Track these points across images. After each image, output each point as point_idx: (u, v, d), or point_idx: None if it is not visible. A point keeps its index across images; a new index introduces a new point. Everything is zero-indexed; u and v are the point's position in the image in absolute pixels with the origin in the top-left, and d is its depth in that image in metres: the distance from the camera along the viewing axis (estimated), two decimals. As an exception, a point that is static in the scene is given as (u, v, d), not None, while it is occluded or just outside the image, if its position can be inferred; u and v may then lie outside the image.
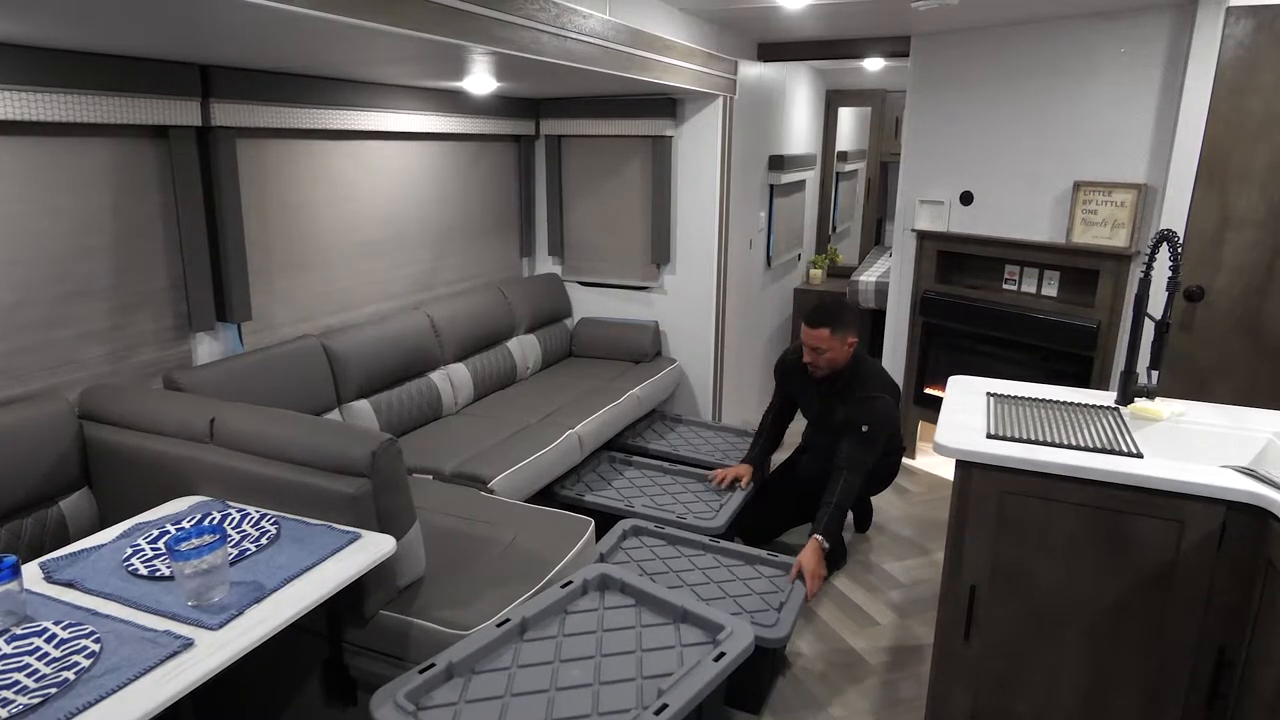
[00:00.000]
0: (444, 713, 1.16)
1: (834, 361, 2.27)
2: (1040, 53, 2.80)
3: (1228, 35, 2.40)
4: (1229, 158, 2.47)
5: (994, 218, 3.01)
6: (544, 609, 1.42)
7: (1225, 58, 2.42)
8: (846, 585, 2.43)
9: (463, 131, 3.01)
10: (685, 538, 2.14)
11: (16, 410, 1.70)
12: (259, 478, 1.61)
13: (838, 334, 2.23)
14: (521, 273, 3.62)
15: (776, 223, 4.47)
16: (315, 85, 2.36)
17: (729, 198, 3.37)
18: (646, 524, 2.20)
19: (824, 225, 5.65)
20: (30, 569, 1.32)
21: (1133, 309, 1.75)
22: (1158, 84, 2.58)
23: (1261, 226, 2.46)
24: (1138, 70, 2.60)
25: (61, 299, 1.87)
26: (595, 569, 1.55)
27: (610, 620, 1.40)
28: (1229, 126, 2.45)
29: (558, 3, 1.93)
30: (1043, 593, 1.53)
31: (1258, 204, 2.45)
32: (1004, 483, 1.50)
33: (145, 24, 1.45)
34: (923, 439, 3.42)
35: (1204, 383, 2.57)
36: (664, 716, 1.11)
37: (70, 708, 0.99)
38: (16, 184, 1.76)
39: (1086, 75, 2.71)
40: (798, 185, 4.82)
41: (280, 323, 2.44)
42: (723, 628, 1.33)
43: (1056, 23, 2.74)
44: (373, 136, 2.69)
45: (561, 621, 1.40)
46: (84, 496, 1.80)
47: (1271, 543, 1.31)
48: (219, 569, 1.22)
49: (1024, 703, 1.59)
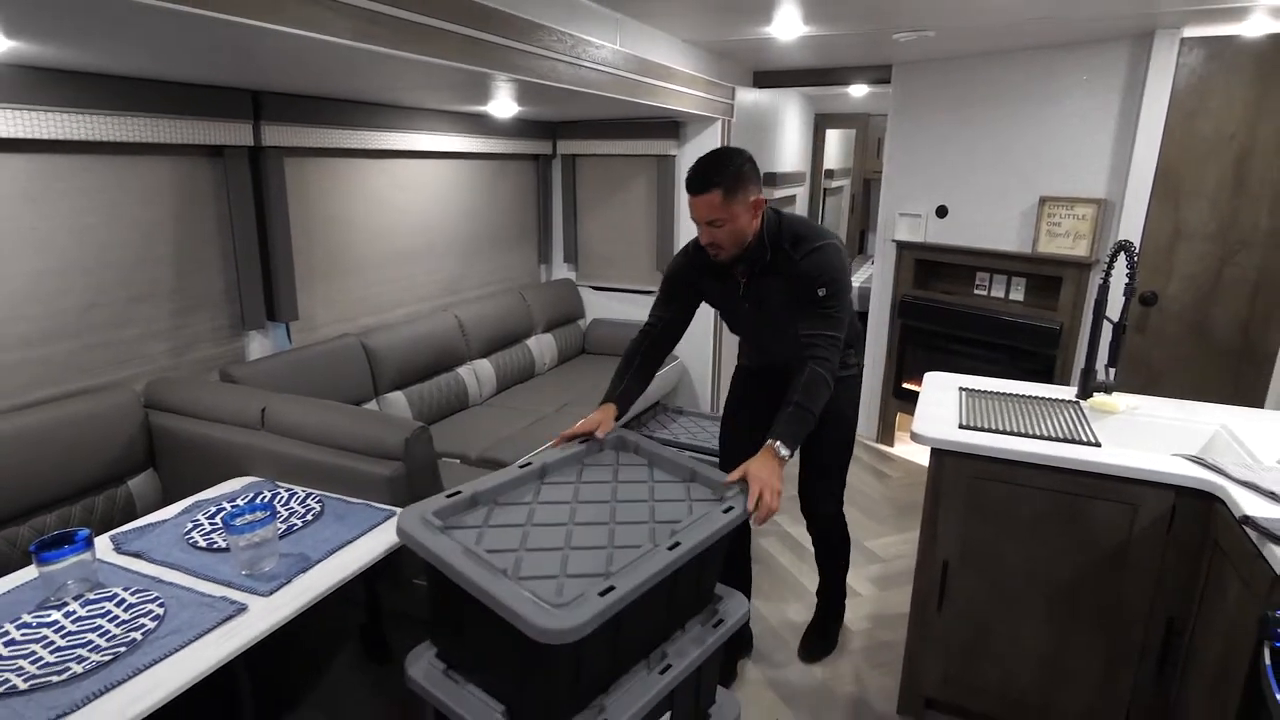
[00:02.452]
0: (469, 533, 1.13)
1: (740, 234, 1.45)
2: (1010, 80, 2.77)
3: (1182, 64, 2.37)
4: (1182, 175, 2.44)
5: (967, 229, 2.99)
6: (563, 458, 1.38)
7: (1179, 84, 2.39)
8: (830, 560, 2.42)
9: (487, 151, 3.01)
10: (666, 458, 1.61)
11: (89, 400, 1.72)
12: (305, 461, 1.62)
13: (733, 194, 1.40)
14: (539, 278, 3.62)
15: (769, 233, 4.44)
16: (355, 109, 2.36)
17: (726, 211, 3.36)
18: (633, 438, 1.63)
19: (812, 236, 5.61)
20: (102, 541, 1.33)
21: (1092, 312, 1.73)
22: (1117, 108, 2.55)
23: (1211, 238, 2.43)
24: (1099, 95, 2.58)
25: (129, 301, 1.89)
26: (613, 430, 1.50)
27: (624, 474, 1.36)
28: (1182, 147, 2.42)
29: (573, 34, 1.92)
30: (1009, 568, 1.52)
31: (1208, 218, 2.43)
32: (974, 469, 1.49)
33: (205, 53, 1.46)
34: (901, 429, 3.41)
35: (1157, 379, 2.55)
36: (676, 552, 1.08)
37: (138, 664, 1.00)
38: (89, 198, 1.78)
39: (1052, 100, 2.68)
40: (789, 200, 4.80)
41: (323, 322, 2.45)
42: (731, 486, 1.28)
43: (1024, 52, 2.71)
44: (406, 155, 2.69)
45: (579, 471, 1.35)
46: (149, 477, 1.82)
47: (1217, 524, 1.30)
48: (269, 542, 1.23)
49: (991, 667, 1.59)
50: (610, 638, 1.08)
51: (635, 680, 1.13)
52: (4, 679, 0.97)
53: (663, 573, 1.07)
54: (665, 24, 2.36)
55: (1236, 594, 1.19)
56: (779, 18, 2.20)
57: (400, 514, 1.15)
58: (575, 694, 1.06)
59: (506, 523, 1.18)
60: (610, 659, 1.11)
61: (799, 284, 1.47)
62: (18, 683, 0.96)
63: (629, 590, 1.01)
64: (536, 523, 1.19)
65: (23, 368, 1.67)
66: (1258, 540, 1.12)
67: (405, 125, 2.56)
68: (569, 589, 1.01)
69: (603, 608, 0.96)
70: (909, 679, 1.68)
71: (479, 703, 1.11)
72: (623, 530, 1.18)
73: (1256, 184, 2.34)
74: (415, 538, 1.09)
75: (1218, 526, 1.29)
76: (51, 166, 1.69)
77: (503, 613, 0.97)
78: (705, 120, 3.13)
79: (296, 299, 2.26)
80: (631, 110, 2.76)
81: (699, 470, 1.35)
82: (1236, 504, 1.22)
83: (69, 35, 1.25)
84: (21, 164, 1.64)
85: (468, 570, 1.02)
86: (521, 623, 0.94)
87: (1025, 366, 2.83)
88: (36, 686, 0.96)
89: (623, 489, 1.31)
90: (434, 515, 1.14)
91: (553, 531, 1.16)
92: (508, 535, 1.14)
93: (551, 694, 1.03)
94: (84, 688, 0.95)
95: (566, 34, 1.89)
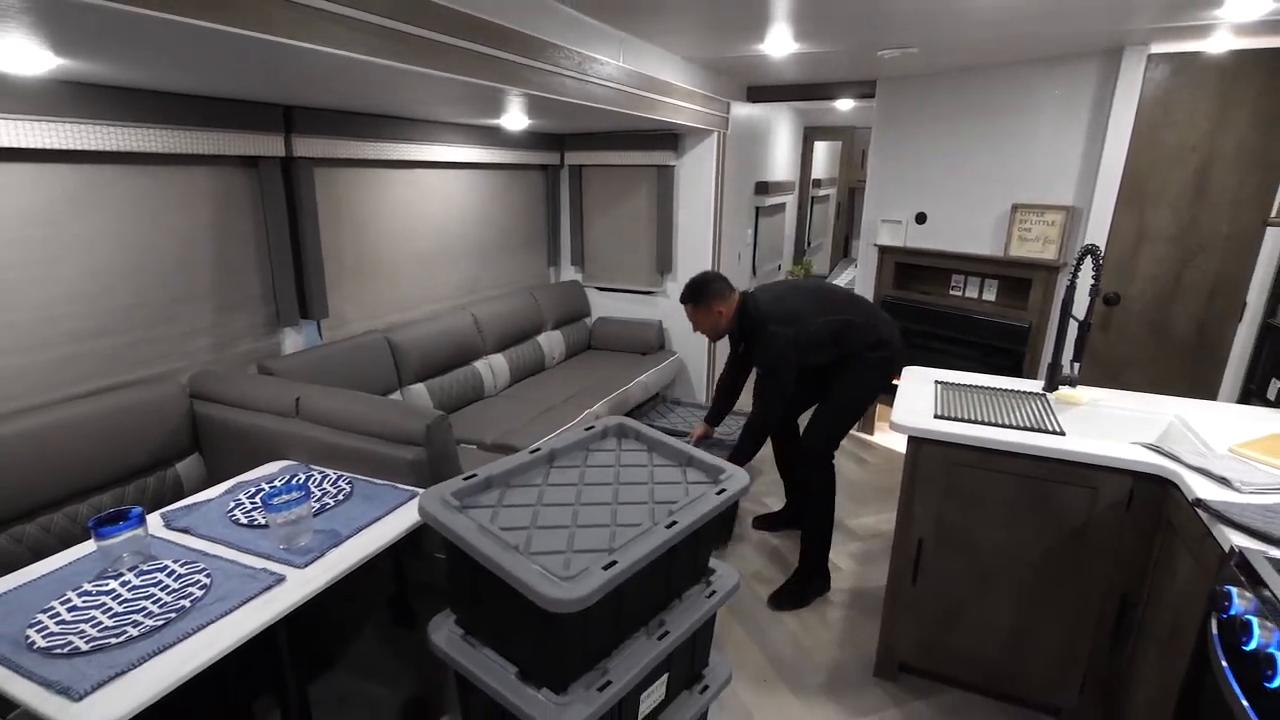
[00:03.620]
0: (484, 512, 1.14)
1: (712, 328, 2.01)
2: (985, 94, 2.76)
3: (1148, 78, 2.36)
4: (1146, 183, 2.43)
5: (944, 234, 2.98)
6: (570, 444, 1.39)
7: (1145, 97, 2.37)
8: (816, 539, 2.44)
9: (500, 161, 3.01)
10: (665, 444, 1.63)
11: (140, 390, 1.74)
12: (335, 446, 1.63)
13: (701, 307, 1.97)
14: (549, 279, 3.62)
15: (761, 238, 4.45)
16: (379, 123, 2.36)
17: (721, 217, 3.36)
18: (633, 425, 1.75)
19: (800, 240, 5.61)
20: (153, 518, 1.36)
21: (1059, 311, 1.74)
22: (1086, 120, 2.53)
23: (1172, 242, 2.42)
24: (1069, 108, 2.56)
25: (172, 301, 1.90)
26: (614, 419, 1.51)
27: (626, 460, 1.37)
28: (1147, 156, 2.41)
29: (580, 52, 1.92)
30: (979, 546, 1.53)
31: (1169, 223, 2.42)
32: (948, 455, 1.51)
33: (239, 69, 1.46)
34: (881, 419, 3.42)
35: (1119, 374, 2.55)
36: (673, 529, 1.10)
37: (188, 628, 1.02)
38: (134, 206, 1.79)
39: (1025, 112, 2.67)
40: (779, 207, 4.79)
41: (351, 319, 2.46)
42: (723, 470, 1.30)
43: (1000, 68, 2.70)
44: (426, 166, 2.70)
45: (585, 457, 1.37)
46: (195, 460, 1.84)
47: (1171, 507, 1.31)
48: (304, 519, 1.25)
49: (960, 635, 1.60)
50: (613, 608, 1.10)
51: (636, 645, 1.15)
52: (68, 641, 0.99)
53: (661, 548, 1.08)
54: (666, 42, 2.35)
55: (1187, 570, 1.21)
56: (771, 36, 2.20)
57: (421, 495, 1.16)
58: (581, 657, 1.08)
59: (518, 503, 1.19)
60: (613, 627, 1.13)
61: (755, 358, 2.01)
62: (80, 644, 0.99)
63: (629, 564, 1.02)
64: (545, 503, 1.20)
65: (75, 361, 1.70)
66: (1208, 521, 1.13)
67: (425, 138, 2.57)
68: (575, 563, 1.03)
69: (605, 580, 0.98)
70: (885, 646, 1.70)
71: (494, 664, 1.14)
72: (624, 510, 1.19)
73: (1216, 192, 2.33)
74: (435, 516, 1.11)
75: (1171, 508, 1.31)
76: (97, 176, 1.70)
77: (515, 584, 0.99)
78: (702, 133, 3.13)
79: (327, 298, 2.28)
80: (634, 123, 2.75)
81: (695, 455, 1.37)
82: (1190, 488, 1.23)
83: (113, 53, 1.25)
84: (69, 174, 1.65)
85: (483, 546, 1.04)
86: (532, 593, 0.96)
87: (996, 362, 2.83)
88: (97, 648, 0.98)
89: (624, 472, 1.33)
90: (452, 496, 1.15)
91: (560, 511, 1.18)
92: (519, 514, 1.16)
93: (559, 657, 1.05)
94: (139, 649, 0.98)
95: (575, 51, 1.89)
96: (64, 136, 1.56)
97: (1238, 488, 1.22)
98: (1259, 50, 2.18)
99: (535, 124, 2.76)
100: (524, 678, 1.10)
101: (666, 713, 1.29)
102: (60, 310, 1.66)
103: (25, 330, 1.60)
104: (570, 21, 1.88)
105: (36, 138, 1.52)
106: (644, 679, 1.16)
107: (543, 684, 1.07)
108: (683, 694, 1.33)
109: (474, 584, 1.13)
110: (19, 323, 1.59)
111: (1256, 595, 0.94)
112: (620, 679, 1.09)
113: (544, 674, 1.08)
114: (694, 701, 1.32)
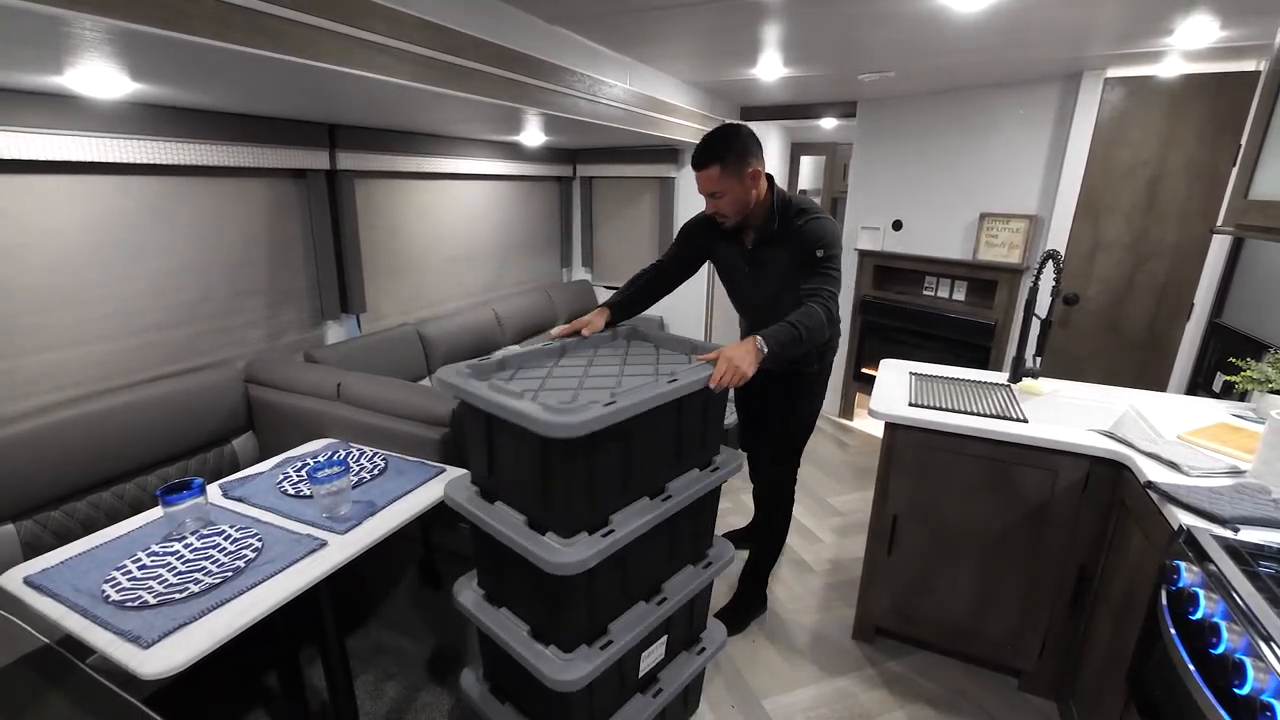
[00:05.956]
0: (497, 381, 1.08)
1: (741, 203, 1.36)
2: (957, 113, 2.70)
3: (1105, 100, 2.31)
4: (1101, 195, 2.38)
5: (918, 240, 2.94)
6: (581, 342, 1.32)
7: (1102, 117, 2.32)
8: (799, 512, 2.42)
9: (519, 174, 2.99)
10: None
11: (201, 376, 1.74)
12: (372, 426, 1.63)
13: (731, 167, 1.31)
14: (561, 279, 3.61)
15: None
16: (412, 139, 2.35)
17: (718, 225, 3.32)
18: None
19: (789, 246, 5.55)
20: (212, 488, 1.36)
21: (1023, 310, 1.70)
22: (1048, 137, 2.48)
23: (1125, 248, 2.38)
24: (1033, 127, 2.51)
25: (233, 296, 1.91)
26: (626, 324, 1.43)
27: (634, 351, 1.30)
28: (1103, 171, 2.36)
29: (591, 76, 1.89)
30: (948, 522, 1.51)
31: (1123, 231, 2.37)
32: (921, 439, 1.48)
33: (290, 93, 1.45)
34: (860, 406, 3.39)
35: (1077, 367, 2.51)
36: (673, 385, 1.03)
37: (243, 586, 1.02)
38: (199, 213, 1.79)
39: (992, 130, 2.62)
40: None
41: (386, 314, 2.46)
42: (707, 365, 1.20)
43: (969, 90, 2.64)
44: (453, 177, 2.68)
45: (594, 355, 1.28)
46: (249, 438, 1.85)
47: (1124, 488, 1.29)
48: (344, 491, 1.25)
49: (931, 602, 1.59)
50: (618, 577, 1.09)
51: (637, 612, 1.14)
52: (138, 595, 1.00)
53: (662, 397, 0.97)
54: (668, 66, 2.32)
55: (1138, 546, 1.18)
56: (763, 61, 2.16)
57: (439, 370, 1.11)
58: (587, 618, 1.07)
59: (529, 378, 1.12)
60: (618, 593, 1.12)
61: (800, 248, 1.33)
62: (149, 598, 0.99)
63: (630, 405, 0.92)
64: (555, 376, 1.13)
65: (151, 349, 1.71)
66: (1159, 501, 1.11)
67: (453, 152, 2.55)
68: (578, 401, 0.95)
69: (605, 413, 0.88)
70: (863, 611, 1.69)
71: (511, 623, 1.13)
72: (629, 378, 1.11)
73: (1165, 203, 2.28)
74: (451, 383, 1.04)
75: (1125, 490, 1.28)
76: (170, 187, 1.71)
77: (516, 419, 0.89)
78: (702, 149, 3.09)
79: (365, 295, 2.27)
80: (638, 139, 2.72)
81: (699, 345, 1.27)
82: (1141, 471, 1.21)
83: (182, 78, 1.25)
84: (147, 184, 1.67)
85: (489, 395, 0.95)
86: (531, 423, 0.86)
87: (965, 355, 2.80)
88: (163, 601, 0.98)
89: (631, 359, 1.24)
90: (466, 368, 1.10)
91: (568, 379, 1.11)
92: (528, 384, 1.09)
93: (567, 617, 1.05)
94: (200, 603, 0.98)
95: (586, 75, 1.86)
96: (141, 152, 1.58)
97: (1186, 471, 1.19)
98: (1206, 74, 2.13)
99: (550, 140, 2.73)
100: (535, 636, 1.09)
101: (667, 670, 1.28)
102: (141, 304, 1.67)
103: (114, 321, 1.62)
104: (583, 49, 1.85)
105: (118, 153, 1.54)
106: (643, 640, 1.15)
107: (551, 641, 1.06)
108: (681, 654, 1.32)
109: (494, 552, 1.12)
110: (110, 314, 1.62)
111: (1203, 570, 0.91)
112: (620, 639, 1.08)
113: (553, 632, 1.07)
114: (691, 661, 1.31)
